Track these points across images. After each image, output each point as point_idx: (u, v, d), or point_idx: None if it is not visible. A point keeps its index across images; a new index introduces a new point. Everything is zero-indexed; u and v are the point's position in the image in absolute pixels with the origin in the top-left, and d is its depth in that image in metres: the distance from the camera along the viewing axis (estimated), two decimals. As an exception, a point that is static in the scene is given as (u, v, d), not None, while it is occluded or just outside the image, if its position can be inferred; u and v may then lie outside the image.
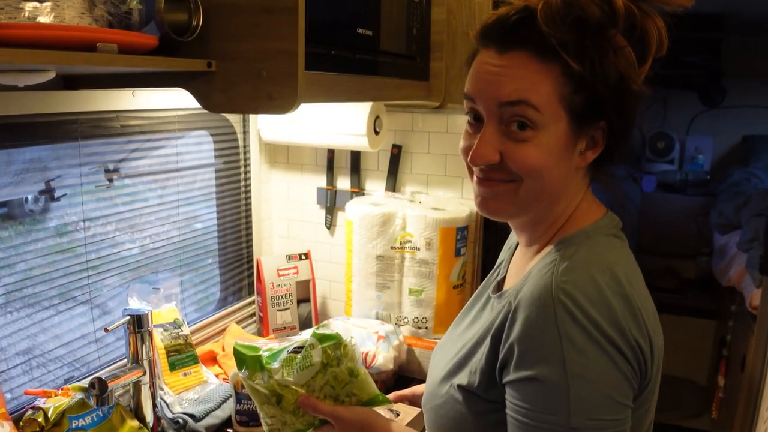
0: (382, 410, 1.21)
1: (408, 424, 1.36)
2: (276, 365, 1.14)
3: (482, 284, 1.16)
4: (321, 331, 1.16)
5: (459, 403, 0.98)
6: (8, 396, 1.44)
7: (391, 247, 1.93)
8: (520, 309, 0.89)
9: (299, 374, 1.12)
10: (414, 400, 1.34)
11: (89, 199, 1.64)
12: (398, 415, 1.42)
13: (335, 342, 1.14)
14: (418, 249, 1.91)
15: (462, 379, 0.98)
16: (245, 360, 1.16)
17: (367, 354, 1.72)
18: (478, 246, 2.04)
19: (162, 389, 1.65)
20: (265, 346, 1.20)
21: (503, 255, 1.14)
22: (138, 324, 1.50)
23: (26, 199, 1.97)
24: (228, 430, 1.63)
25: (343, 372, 1.13)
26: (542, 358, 0.86)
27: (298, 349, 1.15)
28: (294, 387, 1.11)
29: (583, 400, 0.84)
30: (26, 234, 1.50)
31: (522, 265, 1.04)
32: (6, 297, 1.48)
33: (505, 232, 2.20)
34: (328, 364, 1.12)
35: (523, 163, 0.91)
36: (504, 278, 1.12)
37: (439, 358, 1.10)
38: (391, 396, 1.36)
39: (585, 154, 0.95)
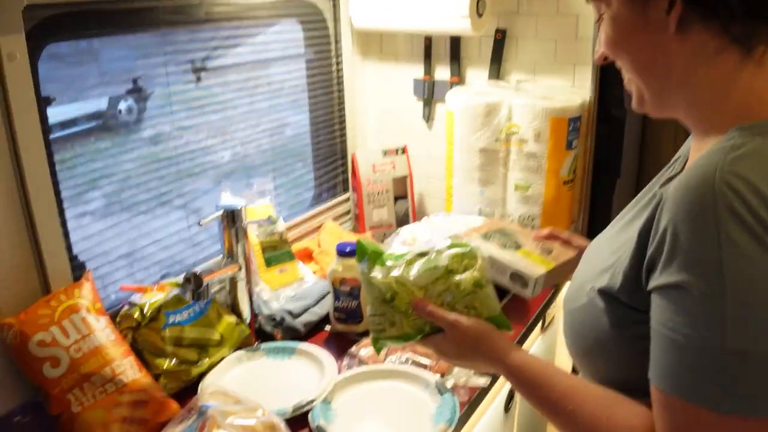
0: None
1: (561, 265, 1.28)
2: (397, 262, 1.04)
3: (654, 179, 0.97)
4: (453, 240, 1.08)
5: (598, 311, 0.84)
6: (104, 294, 1.40)
7: (496, 140, 1.75)
8: (672, 201, 0.71)
9: (420, 275, 1.01)
10: (570, 240, 1.30)
11: (179, 102, 1.54)
12: (550, 252, 1.33)
13: (467, 250, 1.04)
14: (526, 141, 1.72)
15: (604, 281, 0.84)
16: (366, 251, 1.06)
17: (470, 252, 1.58)
18: (590, 139, 1.83)
19: (258, 286, 1.57)
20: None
21: (682, 149, 0.94)
22: (232, 219, 1.40)
23: (120, 111, 1.91)
24: (326, 327, 1.55)
25: (468, 281, 1.00)
26: (695, 261, 0.69)
27: (423, 254, 1.05)
28: (411, 287, 1.01)
29: (746, 316, 0.66)
30: (122, 144, 1.45)
31: (693, 158, 0.85)
32: (106, 203, 1.43)
33: (620, 124, 1.99)
34: (453, 271, 1.02)
35: (604, 44, 0.83)
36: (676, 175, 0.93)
37: (589, 259, 0.95)
38: (544, 232, 1.33)
39: (670, 14, 0.75)
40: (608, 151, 1.89)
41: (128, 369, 1.16)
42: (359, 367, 1.35)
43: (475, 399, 1.30)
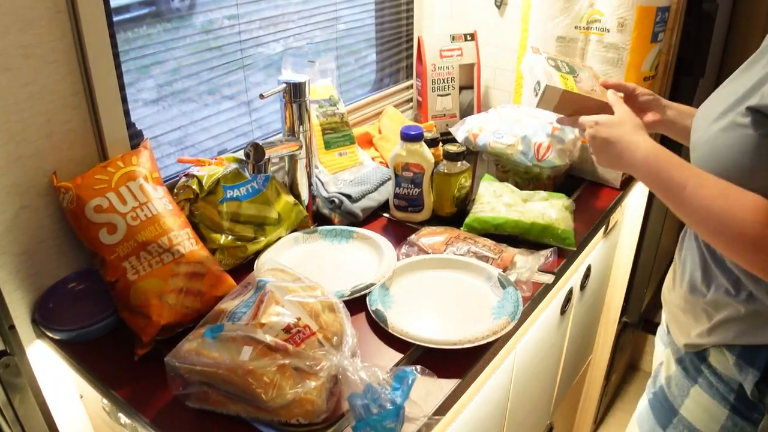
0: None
1: (581, 96, 1.22)
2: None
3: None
4: None
5: (743, 126, 0.85)
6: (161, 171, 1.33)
7: (575, 27, 1.59)
8: None
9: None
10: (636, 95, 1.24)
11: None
12: (592, 90, 1.29)
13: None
14: (608, 31, 1.55)
15: (754, 100, 0.84)
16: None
17: (540, 145, 1.46)
18: (676, 34, 1.65)
19: (317, 168, 1.49)
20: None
21: None
22: (295, 93, 1.30)
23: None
24: (384, 214, 1.47)
25: None
26: None
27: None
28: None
29: None
30: (173, 31, 1.34)
31: None
32: (157, 92, 1.34)
33: (709, 20, 1.79)
34: None
35: None
36: None
37: (707, 112, 0.95)
38: (610, 82, 1.26)
39: None
40: (693, 48, 1.72)
41: (185, 240, 1.10)
42: (418, 256, 1.27)
43: (537, 295, 1.22)
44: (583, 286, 1.64)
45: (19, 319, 1.17)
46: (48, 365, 1.17)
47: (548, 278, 1.23)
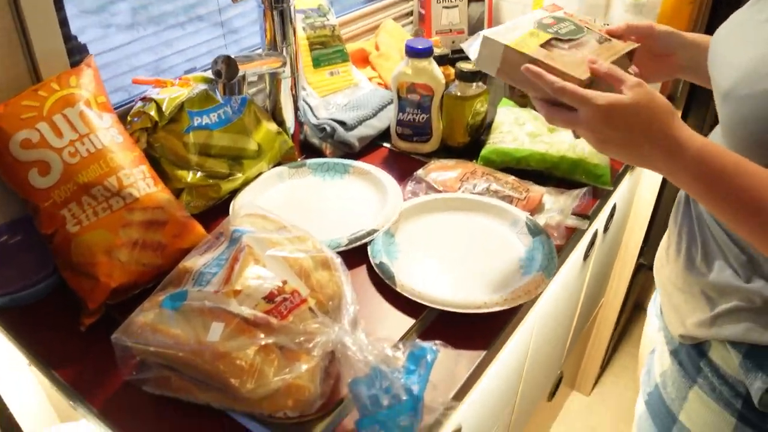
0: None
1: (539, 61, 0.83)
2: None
3: None
4: None
5: None
6: (115, 98, 1.07)
7: None
8: None
9: None
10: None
11: None
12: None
13: None
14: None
15: None
16: None
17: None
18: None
19: (305, 90, 1.24)
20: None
21: None
22: (275, -2, 1.04)
23: None
24: (384, 144, 1.23)
25: None
26: None
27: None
28: None
29: None
30: None
31: None
32: (133, 16, 1.10)
33: None
34: None
35: None
36: None
37: (744, 51, 0.69)
38: (617, 28, 0.89)
39: None
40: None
41: (140, 180, 0.86)
42: (428, 195, 1.04)
43: (569, 244, 1.00)
44: (606, 228, 1.42)
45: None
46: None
47: (582, 223, 1.00)
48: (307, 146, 1.20)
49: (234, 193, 1.05)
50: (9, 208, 0.93)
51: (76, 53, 0.99)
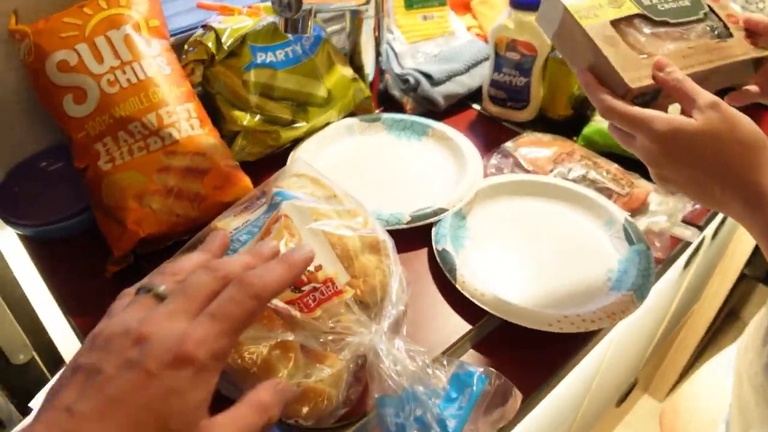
0: None
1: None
2: None
3: None
4: None
5: None
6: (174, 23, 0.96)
7: None
8: None
9: None
10: None
11: None
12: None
13: None
14: None
15: None
16: None
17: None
18: None
19: (391, 33, 1.09)
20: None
21: None
22: None
23: None
24: (473, 105, 1.08)
25: None
26: None
27: None
28: None
29: None
30: None
31: None
32: None
33: None
34: None
35: None
36: None
37: None
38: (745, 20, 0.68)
39: None
40: None
41: (183, 120, 0.76)
42: (513, 174, 0.89)
43: (671, 257, 0.83)
44: (715, 235, 1.23)
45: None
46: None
47: (691, 233, 0.83)
48: (386, 97, 1.06)
49: (296, 142, 0.93)
50: (52, 133, 0.85)
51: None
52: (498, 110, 1.04)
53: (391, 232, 0.76)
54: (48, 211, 0.80)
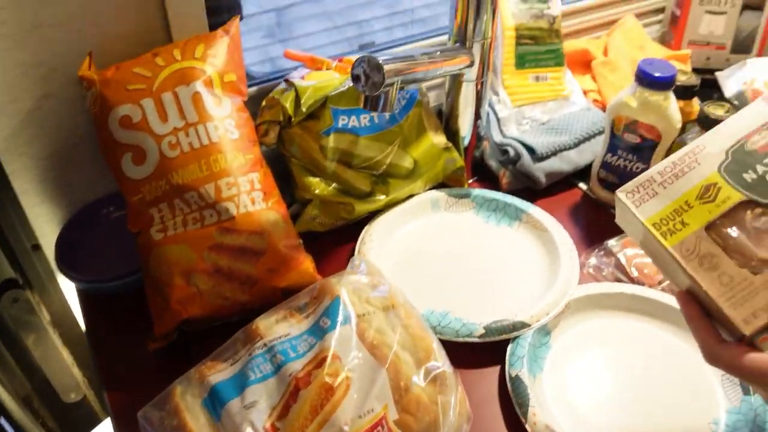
0: None
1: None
2: None
3: None
4: None
5: None
6: (260, 67, 0.90)
7: None
8: None
9: None
10: None
11: None
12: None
13: None
14: None
15: None
16: None
17: None
18: None
19: (497, 95, 0.99)
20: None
21: None
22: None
23: None
24: (580, 184, 0.95)
25: None
26: None
27: None
28: None
29: None
30: None
31: None
32: None
33: None
34: None
35: None
36: None
37: None
38: None
39: None
40: None
41: (244, 194, 0.69)
42: (613, 284, 0.76)
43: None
44: None
45: (46, 238, 0.86)
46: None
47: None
48: (481, 168, 0.96)
49: (372, 215, 0.84)
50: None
51: (225, 11, 0.82)
52: (607, 196, 0.91)
53: (461, 344, 0.67)
54: (101, 266, 0.76)
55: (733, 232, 0.48)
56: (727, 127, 0.52)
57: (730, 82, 0.99)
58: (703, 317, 0.48)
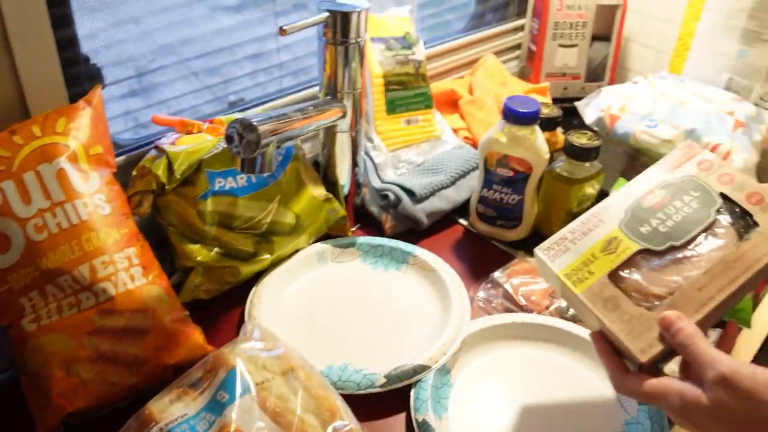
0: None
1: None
2: None
3: None
4: None
5: None
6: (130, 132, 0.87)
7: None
8: None
9: None
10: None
11: None
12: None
13: None
14: None
15: None
16: None
17: (716, 147, 0.93)
18: None
19: (371, 142, 1.01)
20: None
21: None
22: (343, 29, 0.81)
23: None
24: (460, 220, 0.99)
25: None
26: None
27: None
28: None
29: None
30: None
31: None
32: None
33: None
34: None
35: None
36: None
37: None
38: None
39: None
40: None
41: (122, 271, 0.66)
42: (503, 315, 0.79)
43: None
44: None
45: None
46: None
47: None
48: (363, 214, 0.97)
49: (259, 275, 0.83)
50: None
51: (83, 81, 0.79)
52: (487, 229, 0.94)
53: (364, 396, 0.66)
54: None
55: (631, 275, 0.56)
56: (629, 188, 0.62)
57: (589, 110, 1.07)
58: (612, 353, 0.55)
